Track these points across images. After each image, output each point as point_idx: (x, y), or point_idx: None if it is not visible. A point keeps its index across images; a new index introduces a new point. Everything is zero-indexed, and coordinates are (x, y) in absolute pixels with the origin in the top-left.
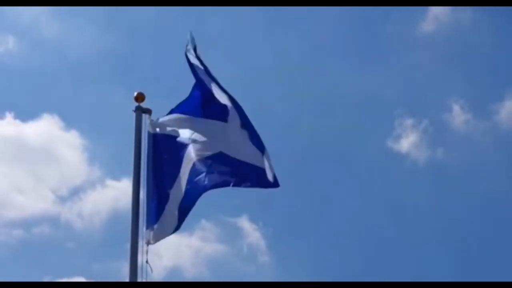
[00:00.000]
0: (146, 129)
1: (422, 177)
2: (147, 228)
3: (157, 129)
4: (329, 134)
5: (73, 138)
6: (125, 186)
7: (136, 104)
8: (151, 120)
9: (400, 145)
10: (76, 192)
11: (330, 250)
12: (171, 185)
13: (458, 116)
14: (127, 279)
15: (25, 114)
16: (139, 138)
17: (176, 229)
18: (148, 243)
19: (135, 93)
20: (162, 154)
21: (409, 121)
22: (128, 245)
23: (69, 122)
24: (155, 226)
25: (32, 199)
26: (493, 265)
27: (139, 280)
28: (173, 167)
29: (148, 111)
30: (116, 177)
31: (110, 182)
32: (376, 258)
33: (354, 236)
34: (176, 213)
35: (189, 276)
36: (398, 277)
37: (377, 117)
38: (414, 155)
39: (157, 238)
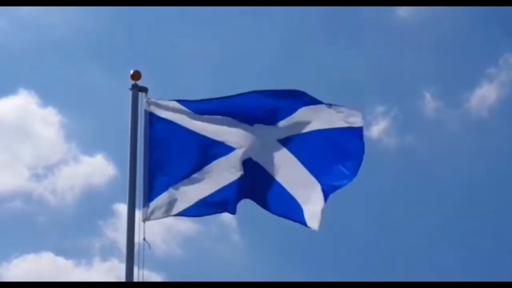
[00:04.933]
0: (142, 107)
1: (393, 163)
2: (143, 206)
3: (156, 111)
4: None
5: (50, 115)
6: (98, 162)
7: (132, 82)
8: (148, 99)
9: (370, 131)
10: (51, 168)
11: (299, 231)
12: (186, 170)
13: (429, 103)
14: (97, 256)
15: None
16: (136, 116)
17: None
18: (145, 221)
19: (132, 71)
20: (163, 136)
21: (380, 108)
22: (99, 222)
23: (46, 98)
24: (152, 204)
25: (6, 175)
26: (466, 251)
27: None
28: (191, 153)
29: (144, 90)
30: (90, 153)
31: (83, 158)
32: (346, 245)
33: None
34: (191, 197)
35: (160, 253)
36: (368, 262)
37: (348, 103)
38: (384, 141)
39: (155, 216)
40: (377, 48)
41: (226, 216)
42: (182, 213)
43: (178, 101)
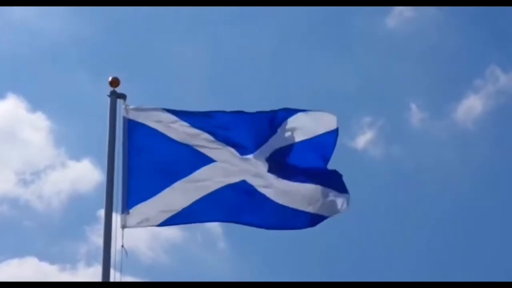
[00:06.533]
0: (121, 114)
1: (379, 174)
2: (122, 212)
3: (136, 117)
4: None
5: (39, 120)
6: (85, 167)
7: (111, 88)
8: (126, 105)
9: (356, 142)
10: (38, 174)
11: (285, 239)
12: (167, 180)
13: (415, 114)
14: (82, 262)
15: None
16: (114, 123)
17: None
18: (123, 227)
19: (110, 78)
20: (142, 143)
21: (366, 119)
22: (85, 228)
23: (35, 103)
24: (132, 211)
25: None
26: (449, 260)
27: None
28: (171, 162)
29: (122, 96)
30: (78, 158)
31: (70, 163)
32: (332, 254)
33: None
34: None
35: (146, 259)
36: (353, 271)
37: (335, 113)
38: (371, 152)
39: (135, 224)
40: (364, 59)
41: (211, 223)
42: (165, 223)
43: (164, 109)
